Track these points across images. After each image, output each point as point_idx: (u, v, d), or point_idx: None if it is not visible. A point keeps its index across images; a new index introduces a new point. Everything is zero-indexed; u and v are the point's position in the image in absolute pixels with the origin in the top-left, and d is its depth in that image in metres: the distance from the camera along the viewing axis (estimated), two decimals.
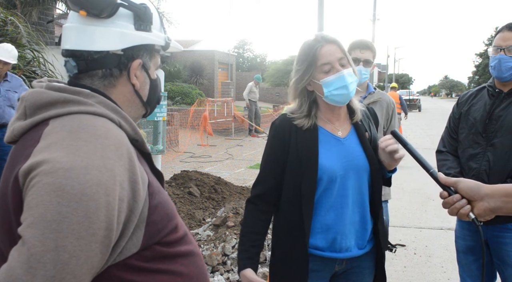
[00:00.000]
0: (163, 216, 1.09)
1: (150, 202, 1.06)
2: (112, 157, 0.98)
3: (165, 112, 4.51)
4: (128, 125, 1.12)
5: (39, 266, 0.87)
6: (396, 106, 3.40)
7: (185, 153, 11.78)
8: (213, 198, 6.10)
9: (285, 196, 1.88)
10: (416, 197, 7.49)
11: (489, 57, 2.58)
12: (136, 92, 1.21)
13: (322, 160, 1.84)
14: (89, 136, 0.99)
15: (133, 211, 1.00)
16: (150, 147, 4.92)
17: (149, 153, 1.18)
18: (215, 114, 15.80)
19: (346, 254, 1.87)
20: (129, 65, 1.17)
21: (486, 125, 2.52)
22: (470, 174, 2.53)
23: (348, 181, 1.85)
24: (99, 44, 1.13)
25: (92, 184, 0.93)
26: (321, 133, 1.89)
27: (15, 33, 7.80)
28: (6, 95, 5.21)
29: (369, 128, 1.98)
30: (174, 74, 24.10)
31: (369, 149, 1.90)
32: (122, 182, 0.98)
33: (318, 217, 1.85)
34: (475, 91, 2.70)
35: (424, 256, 4.88)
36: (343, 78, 1.82)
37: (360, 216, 1.89)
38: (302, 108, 1.90)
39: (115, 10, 1.14)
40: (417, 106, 37.10)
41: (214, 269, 3.78)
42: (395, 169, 1.94)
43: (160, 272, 1.07)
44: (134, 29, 1.16)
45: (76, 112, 1.05)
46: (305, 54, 1.87)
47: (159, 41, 1.22)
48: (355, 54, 2.97)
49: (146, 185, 1.05)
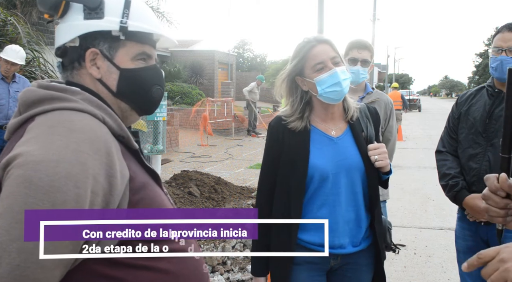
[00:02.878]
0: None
1: (131, 197, 1.07)
2: (86, 150, 1.00)
3: (165, 112, 4.51)
4: (113, 121, 1.13)
5: (5, 254, 0.90)
6: (398, 104, 3.41)
7: (185, 153, 11.78)
8: (213, 198, 6.10)
9: (277, 194, 1.93)
10: (416, 197, 7.49)
11: (489, 57, 2.57)
12: (101, 82, 1.20)
13: (313, 159, 1.88)
14: (65, 130, 1.02)
15: (108, 205, 1.02)
16: (150, 147, 4.92)
17: (136, 149, 1.18)
18: (215, 114, 15.79)
19: (340, 250, 1.90)
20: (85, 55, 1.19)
21: (486, 125, 2.51)
22: (470, 174, 2.53)
23: (340, 179, 1.89)
24: (58, 40, 1.20)
25: (61, 177, 0.95)
26: (314, 133, 1.94)
27: (15, 33, 7.80)
28: (15, 96, 5.33)
29: (366, 128, 2.00)
30: (174, 74, 24.07)
31: (364, 148, 1.93)
32: (97, 176, 1.00)
33: (310, 213, 1.89)
34: (474, 91, 2.70)
35: (424, 256, 4.88)
36: (336, 76, 1.87)
37: (355, 214, 1.92)
38: (295, 109, 1.94)
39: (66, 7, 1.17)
40: (417, 106, 37.09)
41: (214, 269, 3.78)
42: (390, 171, 1.97)
43: (141, 268, 1.07)
44: (82, 19, 1.18)
45: (59, 109, 1.08)
46: (297, 53, 1.92)
47: (111, 26, 1.19)
48: (353, 54, 2.96)
49: (125, 180, 1.06)
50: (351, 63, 2.96)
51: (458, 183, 2.55)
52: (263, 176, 2.00)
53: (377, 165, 1.89)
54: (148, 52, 1.25)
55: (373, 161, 1.89)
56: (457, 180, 2.56)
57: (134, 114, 1.27)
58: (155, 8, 15.04)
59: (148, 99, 1.26)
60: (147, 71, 1.24)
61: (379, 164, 1.89)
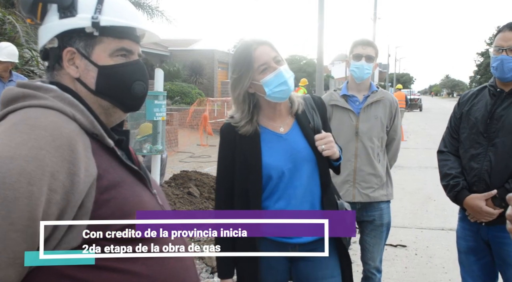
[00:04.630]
0: (116, 212, 1.06)
1: (98, 197, 1.04)
2: (45, 147, 0.99)
3: (164, 112, 4.49)
4: (85, 118, 1.11)
5: None
6: (402, 103, 3.42)
7: (185, 153, 11.77)
8: (213, 198, 6.08)
9: (236, 196, 1.97)
10: (417, 197, 7.48)
11: (491, 57, 2.55)
12: (80, 81, 1.19)
13: (266, 159, 1.95)
14: (27, 127, 1.01)
15: (70, 203, 1.00)
16: (150, 147, 4.90)
17: (112, 147, 1.16)
18: (215, 114, 15.78)
19: (296, 240, 1.97)
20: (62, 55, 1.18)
21: (487, 125, 2.50)
22: (471, 174, 2.51)
23: (296, 173, 1.95)
24: (40, 43, 1.20)
25: (14, 173, 0.93)
26: (263, 133, 2.00)
27: (13, 32, 7.79)
28: None
29: (312, 119, 2.05)
30: (174, 73, 24.08)
31: (313, 140, 1.98)
32: (55, 173, 0.98)
33: (267, 208, 1.95)
34: (476, 91, 2.68)
35: (425, 256, 4.87)
36: (282, 75, 1.90)
37: (309, 204, 1.98)
38: (243, 114, 1.97)
39: (44, 9, 1.17)
40: (418, 106, 37.11)
41: (213, 270, 3.77)
42: (340, 158, 2.03)
43: (109, 269, 1.04)
44: (58, 19, 1.17)
45: (28, 106, 1.07)
46: (241, 59, 1.94)
47: (83, 23, 1.17)
48: (357, 51, 2.94)
49: (91, 178, 1.04)
50: (356, 59, 2.94)
51: (459, 183, 2.54)
52: (219, 179, 2.03)
53: (325, 154, 1.94)
54: (128, 48, 1.22)
55: (320, 150, 1.94)
56: (458, 180, 2.55)
57: (118, 111, 1.24)
58: (154, 7, 15.02)
59: (130, 95, 1.23)
60: (127, 67, 1.21)
61: (326, 153, 1.94)
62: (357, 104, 2.99)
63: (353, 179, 2.93)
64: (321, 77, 11.49)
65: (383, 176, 2.98)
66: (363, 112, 2.96)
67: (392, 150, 3.13)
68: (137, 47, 1.25)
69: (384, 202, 3.00)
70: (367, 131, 2.94)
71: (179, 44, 28.81)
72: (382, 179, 2.97)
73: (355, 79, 2.97)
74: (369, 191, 2.94)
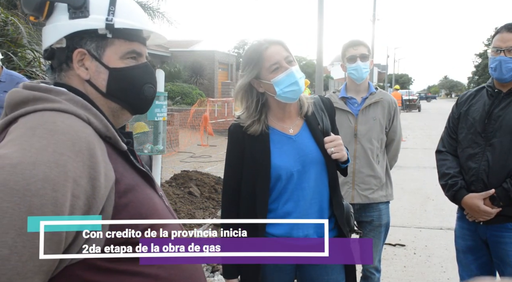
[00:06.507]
0: (134, 216, 1.05)
1: (117, 201, 1.03)
2: (67, 152, 0.96)
3: (165, 112, 4.51)
4: (98, 122, 1.09)
5: None
6: (399, 102, 3.44)
7: (185, 153, 11.79)
8: (213, 198, 6.11)
9: (243, 196, 1.96)
10: (415, 197, 7.50)
11: (489, 58, 2.58)
12: (90, 83, 1.17)
13: (275, 160, 1.93)
14: (45, 132, 0.98)
15: (92, 208, 0.98)
16: (150, 147, 4.92)
17: (125, 150, 1.14)
18: (215, 114, 15.80)
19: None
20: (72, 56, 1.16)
21: (485, 125, 2.52)
22: (469, 173, 2.54)
23: (304, 175, 1.94)
24: (45, 42, 1.17)
25: (38, 180, 0.91)
26: (272, 134, 1.98)
27: (16, 33, 7.79)
28: (1, 96, 5.08)
29: (322, 121, 2.05)
30: (174, 74, 24.07)
31: (322, 142, 1.98)
32: (78, 178, 0.96)
33: (276, 210, 1.94)
34: (474, 92, 2.71)
35: (424, 255, 4.89)
36: (293, 75, 1.89)
37: (318, 206, 1.97)
38: (251, 113, 1.96)
39: (51, 8, 1.14)
40: (417, 107, 37.09)
41: (214, 269, 3.80)
42: (348, 160, 2.03)
43: (128, 273, 1.03)
44: (67, 19, 1.15)
45: (42, 110, 1.04)
46: (251, 57, 1.93)
47: (96, 25, 1.15)
48: (349, 53, 2.95)
49: (110, 183, 1.02)
50: (350, 62, 2.94)
51: (457, 182, 2.56)
52: (227, 179, 2.03)
53: (334, 157, 1.94)
54: (138, 50, 1.21)
55: (330, 153, 1.94)
56: (456, 180, 2.57)
57: (126, 113, 1.23)
58: (155, 9, 15.02)
59: (140, 98, 1.22)
60: (138, 69, 1.20)
61: (335, 156, 1.94)
62: (356, 106, 3.00)
63: (352, 180, 2.95)
64: (321, 78, 11.52)
65: (382, 177, 3.00)
66: (362, 114, 2.98)
67: (392, 150, 3.15)
68: (145, 49, 1.25)
69: (383, 202, 3.02)
70: (366, 133, 2.96)
71: (180, 45, 28.80)
72: (381, 180, 2.99)
73: (355, 80, 2.98)
74: (368, 192, 2.95)
